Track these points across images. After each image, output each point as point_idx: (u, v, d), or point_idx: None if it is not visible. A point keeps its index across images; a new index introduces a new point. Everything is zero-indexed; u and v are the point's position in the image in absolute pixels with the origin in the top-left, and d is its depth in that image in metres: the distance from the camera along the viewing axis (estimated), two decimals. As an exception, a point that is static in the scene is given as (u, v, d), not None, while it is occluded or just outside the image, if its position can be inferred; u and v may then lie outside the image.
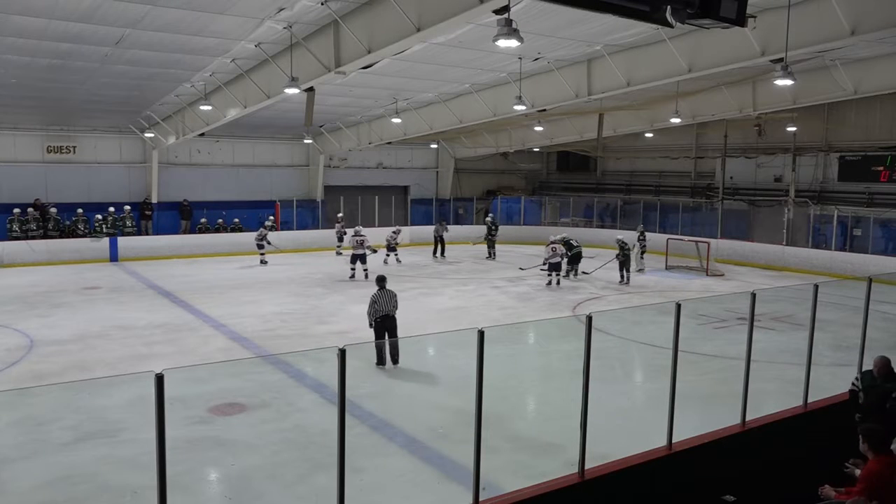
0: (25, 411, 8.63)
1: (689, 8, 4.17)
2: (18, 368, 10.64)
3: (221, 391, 9.41)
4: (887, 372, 6.42)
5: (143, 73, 15.98)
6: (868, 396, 6.44)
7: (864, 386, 6.54)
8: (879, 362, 6.48)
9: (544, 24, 12.36)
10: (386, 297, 10.76)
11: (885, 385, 6.35)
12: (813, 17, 11.21)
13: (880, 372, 6.44)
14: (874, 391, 6.40)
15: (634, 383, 11.01)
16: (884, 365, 6.44)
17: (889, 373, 6.42)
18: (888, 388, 6.32)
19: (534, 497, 5.08)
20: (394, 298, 10.83)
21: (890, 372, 6.43)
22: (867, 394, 6.46)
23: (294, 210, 27.53)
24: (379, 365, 10.57)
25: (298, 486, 6.83)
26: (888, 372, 6.43)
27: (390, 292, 10.86)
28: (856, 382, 6.68)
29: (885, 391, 6.31)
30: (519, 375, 10.68)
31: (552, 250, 18.47)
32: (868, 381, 6.53)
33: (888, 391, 6.30)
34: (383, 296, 10.76)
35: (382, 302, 10.67)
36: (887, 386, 6.34)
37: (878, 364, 6.48)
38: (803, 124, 23.62)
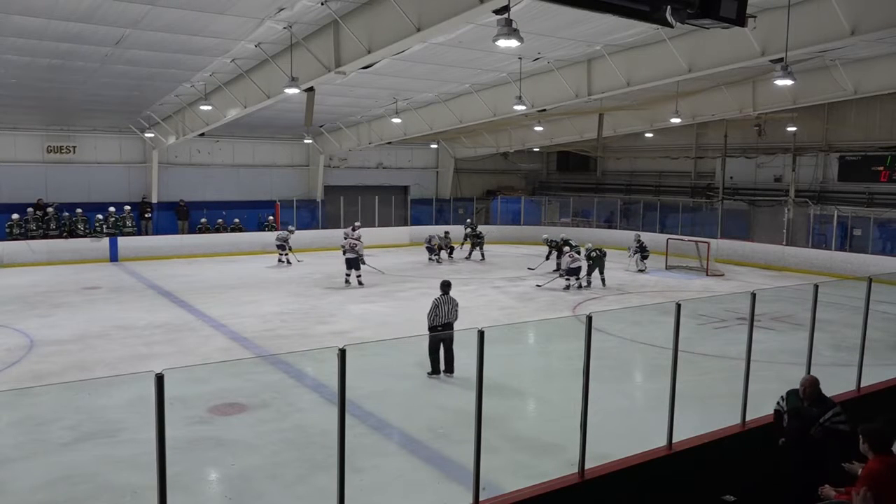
0: (25, 411, 8.63)
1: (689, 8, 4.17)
2: (18, 368, 10.64)
3: (221, 391, 9.41)
4: (814, 393, 5.76)
5: (143, 73, 15.98)
6: (792, 420, 5.81)
7: (789, 408, 5.88)
8: (806, 382, 5.81)
9: (544, 24, 12.36)
10: (448, 305, 10.26)
11: (811, 409, 5.71)
12: (813, 17, 11.21)
13: (807, 393, 5.77)
14: (798, 415, 5.77)
15: (634, 383, 11.01)
16: (811, 385, 5.77)
17: (816, 395, 5.76)
18: (814, 412, 5.68)
19: (534, 497, 5.08)
20: (455, 307, 10.31)
21: (817, 394, 5.77)
22: (791, 417, 5.82)
23: (294, 210, 27.53)
24: (433, 374, 10.07)
25: (298, 486, 6.82)
26: (816, 394, 5.77)
27: (452, 299, 10.33)
28: (780, 403, 6.01)
29: (811, 416, 5.67)
30: (519, 375, 10.68)
31: (570, 257, 18.12)
32: (793, 402, 5.86)
33: (814, 416, 5.66)
34: (446, 302, 10.27)
35: (444, 309, 10.19)
36: (813, 410, 5.69)
37: (804, 384, 5.81)
38: (803, 124, 23.62)
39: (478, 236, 24.18)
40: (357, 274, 18.14)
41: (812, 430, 5.61)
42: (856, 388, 7.37)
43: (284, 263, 22.18)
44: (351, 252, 18.08)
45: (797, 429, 5.72)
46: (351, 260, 18.10)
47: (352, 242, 18.35)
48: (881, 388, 7.59)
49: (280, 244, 22.35)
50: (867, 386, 7.44)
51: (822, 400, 5.76)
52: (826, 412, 5.64)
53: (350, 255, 18.07)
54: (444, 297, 10.31)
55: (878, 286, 7.63)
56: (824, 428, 5.58)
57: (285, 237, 22.44)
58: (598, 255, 18.38)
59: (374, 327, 13.51)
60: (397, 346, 11.20)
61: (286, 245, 22.31)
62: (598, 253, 18.44)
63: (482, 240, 24.21)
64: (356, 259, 18.10)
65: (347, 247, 18.23)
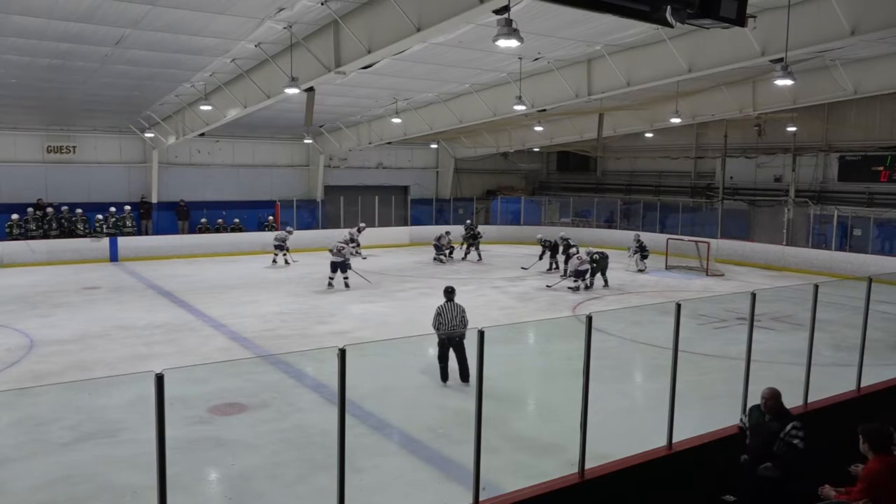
0: (25, 411, 8.63)
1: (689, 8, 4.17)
2: (18, 368, 10.64)
3: (221, 391, 9.41)
4: (776, 407, 5.47)
5: (143, 73, 15.98)
6: (754, 436, 5.54)
7: (751, 424, 5.60)
8: (767, 395, 5.49)
9: (544, 24, 12.36)
10: (452, 312, 9.83)
11: (773, 424, 5.40)
12: (813, 17, 11.21)
13: (768, 407, 5.47)
14: (760, 430, 5.48)
15: (634, 383, 11.01)
16: (772, 397, 5.47)
17: (778, 408, 5.48)
18: (775, 427, 5.37)
19: (534, 497, 5.08)
20: (461, 313, 9.84)
21: (779, 407, 5.49)
22: (753, 433, 5.56)
23: (294, 210, 27.53)
24: (444, 381, 9.68)
25: (298, 486, 6.82)
26: (777, 407, 5.48)
27: (458, 306, 9.90)
28: (743, 419, 5.78)
29: (772, 431, 5.37)
30: (519, 375, 10.68)
31: (578, 259, 18.08)
32: (756, 417, 5.58)
33: (775, 431, 5.35)
34: (449, 310, 9.86)
35: (447, 317, 9.80)
36: (774, 425, 5.38)
37: (765, 396, 5.50)
38: (803, 124, 23.62)
39: (473, 237, 24.12)
40: (344, 276, 17.70)
41: (775, 446, 5.32)
42: (856, 388, 7.37)
43: (280, 264, 22.10)
44: (338, 255, 17.64)
45: (760, 445, 5.43)
46: (337, 263, 17.64)
47: (339, 246, 17.97)
48: (881, 388, 7.59)
49: (278, 244, 22.32)
50: (867, 386, 7.43)
51: (783, 414, 5.47)
52: (786, 426, 5.37)
53: (336, 259, 17.63)
54: (448, 304, 9.96)
55: (878, 286, 7.62)
56: (785, 443, 5.31)
57: (284, 237, 22.42)
58: (599, 258, 18.39)
59: (374, 327, 13.51)
60: (397, 346, 11.21)
61: (284, 245, 22.28)
62: (600, 255, 18.45)
63: (477, 240, 24.15)
64: (343, 263, 17.65)
65: (335, 250, 17.82)
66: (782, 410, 5.49)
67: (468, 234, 24.21)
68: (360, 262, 23.13)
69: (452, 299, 10.02)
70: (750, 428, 5.61)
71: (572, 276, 18.13)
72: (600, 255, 18.50)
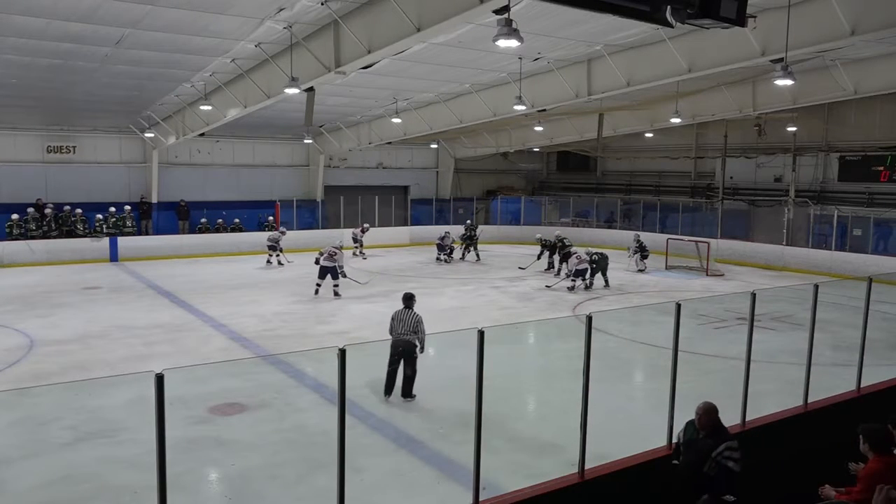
0: (25, 411, 8.64)
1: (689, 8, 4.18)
2: (18, 368, 10.64)
3: (221, 391, 9.41)
4: (710, 424, 5.13)
5: (143, 73, 15.98)
6: (688, 454, 5.21)
7: (685, 440, 5.28)
8: (701, 410, 5.16)
9: (544, 24, 12.36)
10: (405, 320, 9.13)
11: (707, 441, 5.06)
12: (813, 17, 11.21)
13: (702, 422, 5.14)
14: (693, 448, 5.14)
15: (634, 383, 11.01)
16: (706, 413, 5.14)
17: (714, 425, 5.14)
18: (709, 444, 5.03)
19: (534, 497, 5.08)
20: (414, 322, 9.08)
21: (715, 424, 5.15)
22: (687, 450, 5.23)
23: (294, 210, 27.54)
24: (386, 395, 9.17)
25: (298, 486, 6.82)
26: (713, 424, 5.14)
27: (412, 314, 9.20)
28: (679, 435, 5.41)
29: (705, 449, 5.02)
30: (519, 375, 10.68)
31: (577, 258, 18.11)
32: (690, 433, 5.25)
33: (708, 449, 5.01)
34: (399, 316, 9.23)
35: (397, 324, 9.17)
36: (708, 442, 5.04)
37: (698, 412, 5.17)
38: (803, 124, 23.63)
39: (470, 237, 24.10)
40: (335, 283, 16.44)
41: (706, 465, 4.99)
42: (856, 388, 7.37)
43: (273, 265, 22.00)
44: (329, 260, 16.40)
45: (692, 463, 5.10)
46: (327, 269, 16.41)
47: (332, 251, 16.61)
48: (881, 388, 7.59)
49: (271, 244, 22.21)
50: (867, 386, 7.43)
51: (719, 431, 5.14)
52: (720, 445, 5.03)
53: (327, 264, 16.39)
54: (401, 311, 9.26)
55: (878, 286, 7.62)
56: (717, 464, 4.97)
57: (277, 238, 22.33)
58: (599, 258, 18.40)
59: (373, 327, 13.47)
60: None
61: (277, 246, 22.17)
62: (599, 256, 18.46)
63: (474, 241, 24.12)
64: (333, 269, 16.41)
65: (327, 254, 16.53)
66: (718, 427, 5.16)
67: (465, 234, 24.22)
68: (360, 262, 23.18)
69: (410, 307, 9.30)
70: (683, 444, 5.29)
71: (571, 276, 18.13)
72: (600, 255, 18.50)
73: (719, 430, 5.16)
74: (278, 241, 22.27)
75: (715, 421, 5.16)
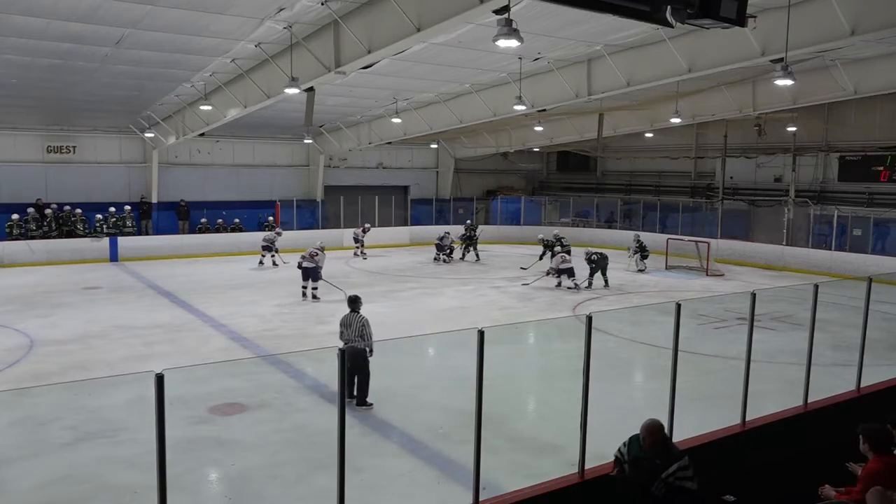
0: (25, 411, 8.64)
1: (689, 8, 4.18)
2: (18, 368, 10.64)
3: (221, 391, 9.41)
4: (658, 442, 4.84)
5: (143, 73, 15.98)
6: (633, 472, 4.93)
7: (630, 458, 4.98)
8: (645, 429, 4.87)
9: (544, 24, 12.36)
10: (350, 324, 8.93)
11: (654, 461, 4.77)
12: (813, 17, 11.21)
13: (647, 442, 4.85)
14: (640, 466, 4.87)
15: (634, 383, 11.01)
16: (650, 433, 4.84)
17: (662, 442, 4.86)
18: (656, 464, 4.75)
19: (534, 497, 5.08)
20: (361, 326, 8.84)
21: (662, 440, 4.87)
22: (633, 468, 4.94)
23: (294, 210, 27.54)
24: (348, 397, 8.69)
25: (298, 486, 6.82)
26: (659, 442, 4.85)
27: (358, 317, 8.95)
28: (622, 450, 5.11)
29: (653, 468, 4.75)
30: (519, 375, 10.68)
31: (561, 257, 18.35)
32: (635, 451, 4.96)
33: (656, 469, 4.73)
34: (346, 321, 9.00)
35: (343, 329, 9.00)
36: (655, 462, 4.76)
37: (643, 431, 4.87)
38: (803, 124, 23.63)
39: (470, 238, 24.10)
40: (313, 286, 16.19)
41: (654, 486, 4.69)
42: (856, 389, 7.37)
43: (267, 265, 21.82)
44: (309, 261, 16.25)
45: (638, 483, 4.84)
46: (308, 270, 16.22)
47: (313, 252, 16.51)
48: (881, 388, 7.59)
49: (266, 245, 22.08)
50: (867, 386, 7.44)
51: (667, 449, 4.84)
52: (671, 464, 4.74)
53: (308, 265, 16.22)
54: (349, 316, 9.02)
55: (878, 286, 7.62)
56: (668, 484, 4.68)
57: (272, 238, 22.22)
58: (599, 258, 18.41)
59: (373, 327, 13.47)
60: (397, 346, 11.19)
61: (272, 247, 22.05)
62: (599, 256, 18.47)
63: (474, 241, 24.12)
64: (314, 269, 16.22)
65: (308, 255, 16.42)
66: (666, 446, 4.87)
67: (465, 234, 24.22)
68: (360, 263, 23.19)
69: (356, 310, 9.06)
70: (629, 461, 4.98)
71: (554, 274, 18.24)
72: (599, 255, 18.51)
73: (667, 449, 4.85)
74: (274, 242, 22.16)
75: (661, 439, 4.86)
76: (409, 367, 10.86)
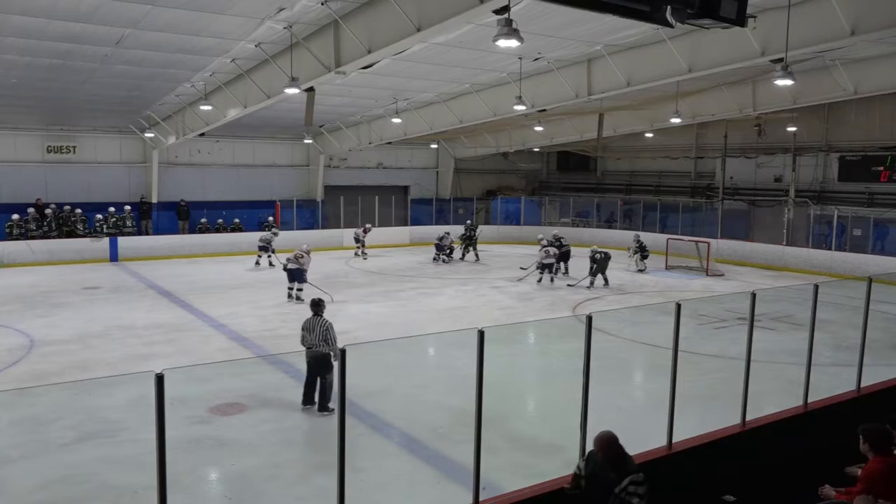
0: (25, 411, 8.64)
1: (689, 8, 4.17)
2: (18, 368, 10.64)
3: (221, 391, 9.41)
4: (612, 454, 4.62)
5: (143, 73, 15.99)
6: (590, 486, 4.74)
7: (588, 472, 4.79)
8: (597, 442, 4.65)
9: (544, 24, 12.36)
10: (312, 328, 8.80)
11: (609, 475, 4.57)
12: (813, 17, 11.22)
13: (600, 457, 4.64)
14: (596, 480, 4.65)
15: (634, 383, 11.01)
16: (602, 447, 4.62)
17: (616, 455, 4.62)
18: (612, 478, 4.54)
19: (534, 497, 5.08)
20: (325, 330, 8.73)
21: (617, 453, 4.63)
22: (589, 482, 4.75)
23: (294, 210, 27.54)
24: (304, 405, 8.70)
25: (298, 486, 6.82)
26: (614, 454, 4.62)
27: (321, 321, 8.82)
28: (580, 465, 4.92)
29: (608, 483, 4.54)
30: (519, 375, 10.68)
31: (545, 252, 18.84)
32: (592, 465, 4.76)
33: (612, 483, 4.52)
34: (308, 325, 8.87)
35: (306, 333, 8.87)
36: (611, 476, 4.55)
37: (596, 442, 4.66)
38: (803, 124, 23.64)
39: (470, 238, 24.10)
40: (297, 287, 16.12)
41: (610, 502, 4.51)
42: (856, 389, 7.37)
43: (264, 265, 21.69)
44: (294, 263, 16.24)
45: (595, 496, 4.64)
46: (294, 272, 16.18)
47: (298, 253, 16.48)
48: (881, 388, 7.59)
49: (263, 245, 21.99)
50: (867, 386, 7.44)
51: (622, 463, 4.62)
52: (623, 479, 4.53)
53: (293, 266, 16.21)
54: (313, 319, 8.88)
55: (878, 286, 7.62)
56: (619, 499, 4.51)
57: (269, 239, 22.14)
58: (601, 258, 18.45)
59: (373, 327, 13.51)
60: (397, 346, 11.21)
61: (269, 247, 21.96)
62: (602, 255, 18.51)
63: (473, 241, 24.12)
64: (299, 271, 16.19)
65: (293, 257, 16.42)
66: (620, 458, 4.64)
67: (465, 234, 24.22)
68: (361, 263, 23.19)
69: (319, 314, 8.92)
70: (586, 477, 4.80)
71: (538, 269, 18.68)
72: (603, 254, 18.56)
73: (623, 462, 4.63)
74: (270, 242, 22.09)
75: (616, 452, 4.63)
76: (409, 367, 10.86)
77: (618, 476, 4.53)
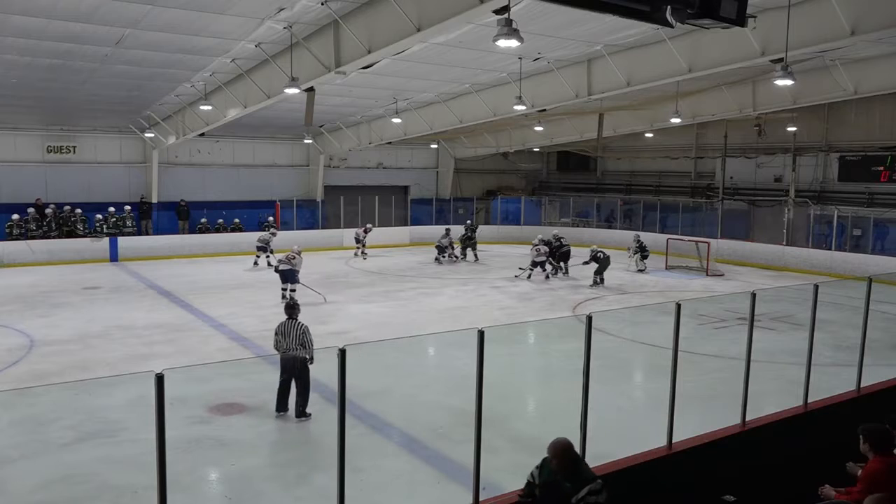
0: (25, 411, 8.64)
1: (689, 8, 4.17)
2: (18, 368, 10.64)
3: (221, 391, 9.41)
4: (567, 461, 4.41)
5: (143, 73, 15.99)
6: (544, 495, 4.56)
7: (542, 481, 4.58)
8: (551, 451, 4.45)
9: (544, 24, 12.36)
10: (288, 332, 8.71)
11: (565, 484, 4.37)
12: (813, 17, 11.22)
13: (554, 465, 4.43)
14: (551, 489, 4.47)
15: (634, 383, 11.01)
16: (557, 454, 4.42)
17: (571, 462, 4.43)
18: (567, 488, 4.34)
19: (534, 497, 5.07)
20: (302, 334, 8.65)
21: (572, 461, 4.44)
22: (543, 491, 4.56)
23: (294, 210, 27.54)
24: (278, 412, 8.55)
25: (298, 487, 6.82)
26: (569, 462, 4.42)
27: (299, 325, 8.75)
28: (534, 473, 4.67)
29: (564, 493, 4.34)
30: (519, 375, 10.68)
31: (537, 251, 19.48)
32: (546, 474, 4.55)
33: (568, 493, 4.32)
34: (284, 329, 8.77)
35: (280, 338, 8.76)
36: (566, 486, 4.35)
37: (550, 450, 4.46)
38: (803, 124, 23.63)
39: (470, 238, 24.09)
40: (291, 288, 15.96)
41: None
42: (856, 389, 7.37)
43: (262, 266, 21.56)
44: (287, 263, 16.24)
45: None
46: (286, 272, 16.14)
47: (291, 255, 16.46)
48: (881, 388, 7.59)
49: (261, 245, 21.93)
50: (867, 386, 7.43)
51: (577, 471, 4.43)
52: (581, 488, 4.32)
53: (285, 267, 16.21)
54: (286, 323, 8.79)
55: (878, 286, 7.62)
56: None
57: (267, 239, 22.10)
58: (603, 258, 18.56)
59: (373, 327, 13.51)
60: (397, 346, 11.21)
61: (267, 247, 21.90)
62: (603, 255, 18.61)
63: (473, 241, 24.12)
64: (291, 271, 16.13)
65: (285, 258, 16.44)
66: (577, 467, 4.47)
67: (465, 234, 24.22)
68: (361, 263, 23.19)
69: (293, 317, 8.83)
70: (540, 486, 4.59)
71: (530, 267, 19.33)
72: (603, 254, 18.69)
73: (579, 471, 4.45)
74: (268, 243, 22.05)
75: (572, 460, 4.45)
76: (409, 367, 10.86)
77: (573, 485, 4.34)
